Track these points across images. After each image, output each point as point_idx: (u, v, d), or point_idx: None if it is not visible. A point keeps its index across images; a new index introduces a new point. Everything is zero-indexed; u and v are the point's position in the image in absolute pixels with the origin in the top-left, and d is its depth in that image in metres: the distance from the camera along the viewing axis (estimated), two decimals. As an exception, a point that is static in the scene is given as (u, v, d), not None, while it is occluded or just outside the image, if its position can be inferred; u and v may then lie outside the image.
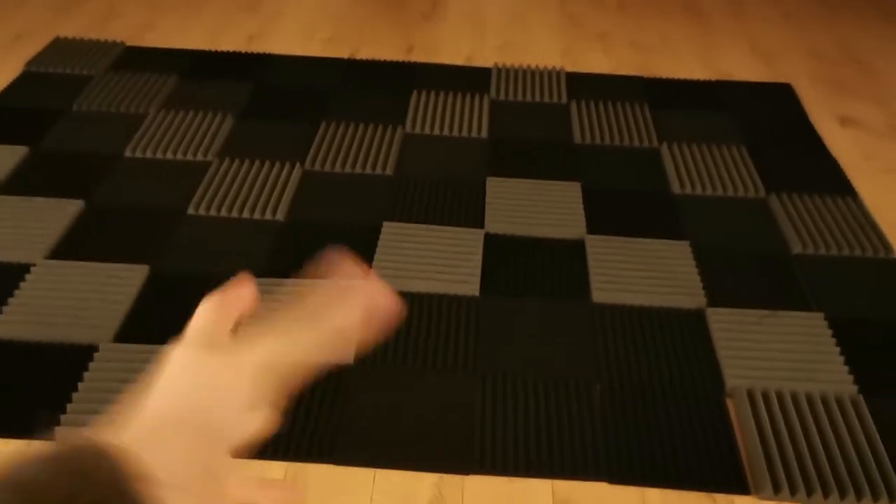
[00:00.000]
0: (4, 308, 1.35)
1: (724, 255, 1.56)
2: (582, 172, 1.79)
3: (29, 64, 2.10)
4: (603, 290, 1.46)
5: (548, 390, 1.27)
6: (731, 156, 1.85)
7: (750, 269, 1.53)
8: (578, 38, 2.41)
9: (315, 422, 1.20)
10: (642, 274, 1.50)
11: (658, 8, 2.63)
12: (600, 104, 2.04)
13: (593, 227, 1.63)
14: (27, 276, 1.42)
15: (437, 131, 1.91)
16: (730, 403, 1.27)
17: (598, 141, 1.90)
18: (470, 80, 2.14)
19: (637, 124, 1.96)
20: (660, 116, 2.00)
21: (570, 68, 2.23)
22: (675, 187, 1.75)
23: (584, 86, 2.13)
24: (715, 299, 1.45)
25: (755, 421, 1.22)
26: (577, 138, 1.91)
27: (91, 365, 1.26)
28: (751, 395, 1.26)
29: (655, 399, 1.26)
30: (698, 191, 1.74)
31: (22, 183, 1.66)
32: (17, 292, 1.38)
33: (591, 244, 1.57)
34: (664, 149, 1.87)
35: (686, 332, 1.39)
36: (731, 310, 1.42)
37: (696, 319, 1.41)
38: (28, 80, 2.04)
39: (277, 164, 1.75)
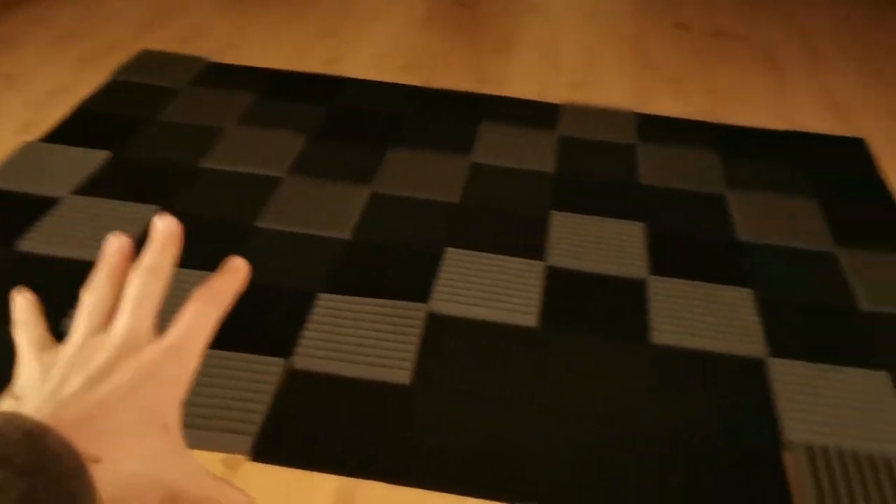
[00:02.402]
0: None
1: (789, 305, 1.54)
2: (646, 213, 1.79)
3: (116, 73, 2.19)
4: (662, 332, 1.45)
5: (601, 429, 1.26)
6: (800, 207, 1.83)
7: (815, 321, 1.51)
8: (651, 80, 2.42)
9: (369, 439, 1.22)
10: (703, 318, 1.49)
11: (733, 56, 2.62)
12: (669, 147, 2.04)
13: (655, 267, 1.62)
14: (102, 275, 1.47)
15: (503, 162, 1.93)
16: (788, 457, 1.24)
17: (664, 183, 1.90)
18: (539, 114, 2.16)
19: (705, 169, 1.96)
20: (729, 163, 1.99)
21: (640, 110, 2.23)
22: (741, 234, 1.73)
23: (653, 128, 2.14)
24: (777, 349, 1.43)
25: (813, 477, 1.19)
26: (644, 179, 1.91)
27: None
28: (810, 451, 1.23)
29: (711, 448, 1.25)
30: (765, 239, 1.72)
31: (103, 186, 1.73)
32: (91, 289, 1.44)
33: (652, 285, 1.57)
34: (731, 195, 1.86)
35: (745, 381, 1.37)
36: (793, 361, 1.40)
37: (756, 369, 1.39)
38: (114, 88, 2.13)
39: (346, 184, 1.79)
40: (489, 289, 1.52)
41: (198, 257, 1.55)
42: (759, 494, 1.18)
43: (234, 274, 0.49)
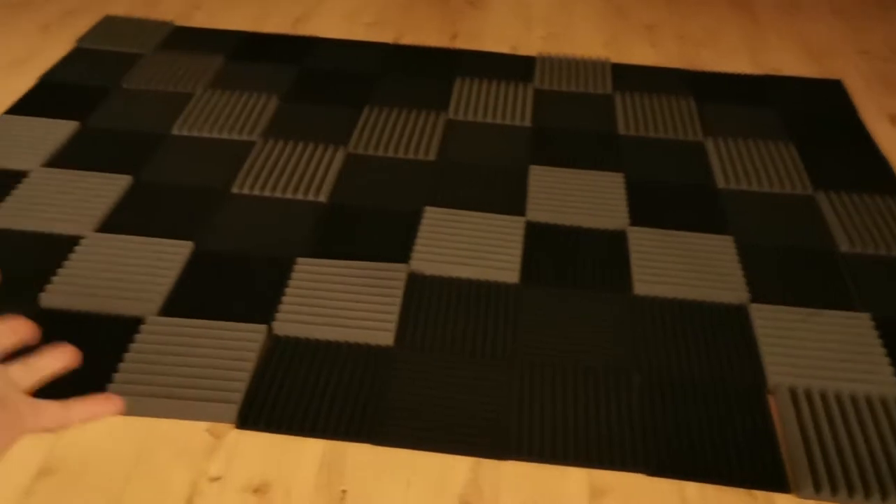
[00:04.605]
0: (54, 278, 1.38)
1: (769, 251, 1.55)
2: (625, 163, 1.78)
3: (80, 41, 2.13)
4: (644, 283, 1.45)
5: (587, 379, 1.27)
6: (778, 151, 1.83)
7: (795, 266, 1.51)
8: (624, 29, 2.39)
9: (354, 402, 1.21)
10: (684, 267, 1.49)
11: (705, 1, 2.59)
12: (645, 96, 2.02)
13: (635, 218, 1.61)
14: (76, 248, 1.45)
15: (480, 118, 1.90)
16: (771, 400, 1.25)
17: (642, 133, 1.88)
18: (514, 68, 2.13)
19: (682, 117, 1.94)
20: (705, 110, 1.98)
21: (614, 59, 2.21)
22: (720, 181, 1.73)
23: (628, 77, 2.11)
24: (758, 295, 1.44)
25: (797, 419, 1.20)
26: (621, 129, 1.89)
27: (137, 337, 1.28)
28: (793, 393, 1.24)
29: (696, 393, 1.26)
30: (743, 186, 1.71)
31: (72, 157, 1.69)
32: (66, 263, 1.41)
33: (632, 236, 1.56)
34: (709, 142, 1.85)
35: (728, 327, 1.37)
36: (774, 306, 1.41)
37: (738, 315, 1.40)
38: (78, 56, 2.07)
39: (321, 146, 1.76)
40: (470, 247, 1.51)
41: (170, 227, 1.53)
42: (745, 437, 1.19)
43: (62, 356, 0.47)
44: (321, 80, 2.03)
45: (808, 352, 1.32)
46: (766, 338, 1.34)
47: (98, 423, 1.17)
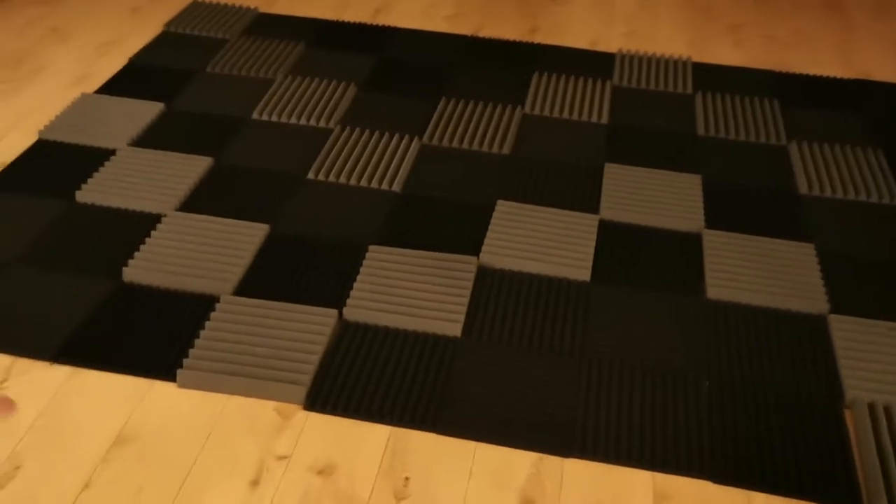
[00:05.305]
0: (137, 254, 1.42)
1: (852, 261, 1.50)
2: (703, 165, 1.74)
3: (167, 25, 2.19)
4: (718, 287, 1.42)
5: (655, 382, 1.25)
6: (866, 158, 1.76)
7: (880, 278, 1.46)
8: (708, 28, 2.34)
9: (420, 390, 1.22)
10: (761, 273, 1.45)
11: (795, 2, 2.51)
12: (727, 97, 1.98)
13: (712, 221, 1.58)
14: (158, 226, 1.49)
15: (556, 114, 1.89)
16: (848, 415, 1.21)
17: (722, 134, 1.84)
18: (593, 64, 2.11)
19: (765, 120, 1.89)
20: (790, 113, 1.92)
21: (697, 59, 2.16)
22: (803, 187, 1.68)
23: (711, 77, 2.07)
24: (839, 306, 1.39)
25: (875, 435, 1.16)
26: (701, 130, 1.86)
27: (212, 315, 1.31)
28: (872, 409, 1.20)
29: (767, 402, 1.22)
30: (827, 193, 1.66)
31: (157, 137, 1.75)
32: (148, 240, 1.46)
33: (708, 239, 1.53)
34: (793, 147, 1.80)
35: (805, 337, 1.34)
36: (856, 318, 1.36)
37: (816, 325, 1.36)
38: (166, 40, 2.13)
39: (396, 136, 1.77)
40: (541, 242, 1.50)
41: (247, 210, 1.56)
42: (818, 451, 1.15)
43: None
44: (399, 70, 2.04)
45: (890, 367, 1.27)
46: (846, 350, 1.30)
47: (173, 396, 1.21)
